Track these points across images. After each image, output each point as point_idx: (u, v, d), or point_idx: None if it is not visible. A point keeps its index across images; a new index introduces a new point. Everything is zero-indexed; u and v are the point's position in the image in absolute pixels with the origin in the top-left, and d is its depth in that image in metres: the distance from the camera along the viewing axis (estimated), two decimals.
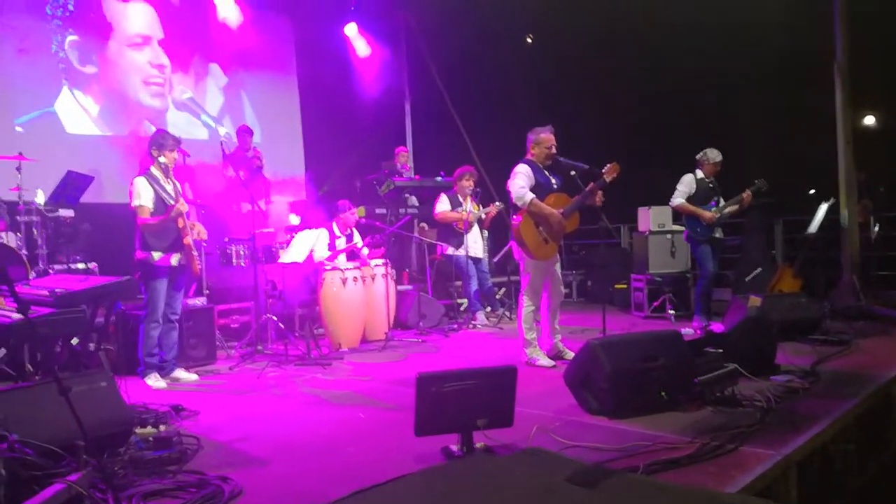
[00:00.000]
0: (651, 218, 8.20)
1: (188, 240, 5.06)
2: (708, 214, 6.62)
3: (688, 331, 6.49)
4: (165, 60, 9.15)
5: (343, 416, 4.09)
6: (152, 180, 5.05)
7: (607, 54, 9.45)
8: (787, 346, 5.27)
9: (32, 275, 5.71)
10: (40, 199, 6.42)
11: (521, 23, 10.55)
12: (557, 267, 5.46)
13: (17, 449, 2.57)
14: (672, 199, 6.85)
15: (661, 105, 9.35)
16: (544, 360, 5.19)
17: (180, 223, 5.02)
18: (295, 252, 6.06)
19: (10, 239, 5.85)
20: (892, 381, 4.38)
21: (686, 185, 6.77)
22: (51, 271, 6.14)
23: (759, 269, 8.18)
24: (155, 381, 5.03)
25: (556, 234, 5.21)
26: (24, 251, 5.90)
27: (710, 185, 6.78)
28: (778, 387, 4.16)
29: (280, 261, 6.28)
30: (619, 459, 3.01)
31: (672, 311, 7.67)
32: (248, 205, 6.49)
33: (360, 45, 10.94)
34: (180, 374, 5.23)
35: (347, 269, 6.44)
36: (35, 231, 6.31)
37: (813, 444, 3.23)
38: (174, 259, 5.08)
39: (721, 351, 4.46)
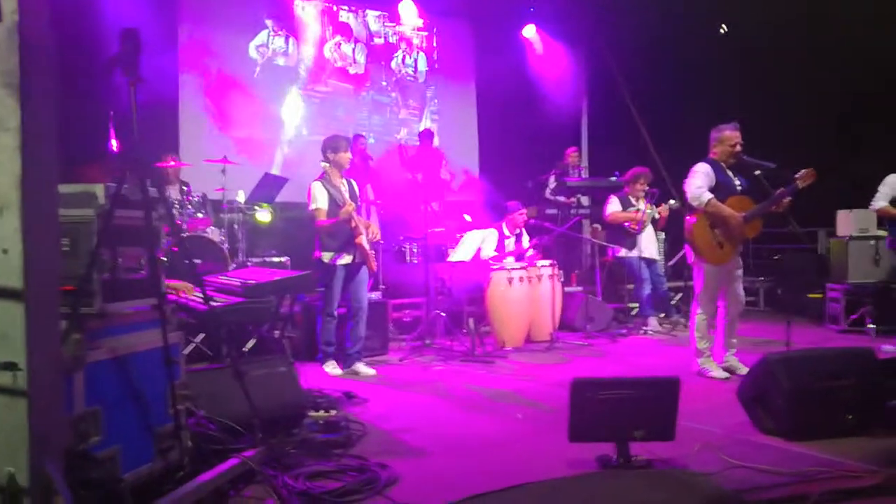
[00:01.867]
0: (853, 221, 7.43)
1: (360, 239, 5.23)
2: None
3: (889, 348, 5.84)
4: (360, 70, 9.76)
5: (502, 415, 4.14)
6: (328, 184, 5.32)
7: (808, 43, 8.65)
8: None
9: (233, 266, 6.33)
10: (241, 198, 7.09)
11: (711, 12, 9.94)
12: (739, 273, 5.08)
13: (202, 424, 2.87)
14: (873, 202, 6.22)
15: (868, 98, 8.42)
16: (717, 372, 4.89)
17: (352, 223, 5.24)
18: (462, 251, 6.20)
19: (214, 234, 6.51)
20: None
21: (889, 186, 6.11)
22: (249, 264, 6.77)
23: None
24: (332, 368, 5.33)
25: (734, 239, 4.86)
26: (225, 245, 6.54)
27: None
28: None
29: (448, 259, 6.45)
30: (792, 485, 2.78)
31: (872, 326, 6.90)
32: (432, 204, 6.67)
33: (539, 46, 10.95)
34: (360, 367, 5.35)
35: (514, 268, 6.48)
36: (236, 227, 6.99)
37: None
38: (345, 259, 5.27)
39: None
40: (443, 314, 6.42)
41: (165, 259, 3.99)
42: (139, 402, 2.54)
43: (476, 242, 6.23)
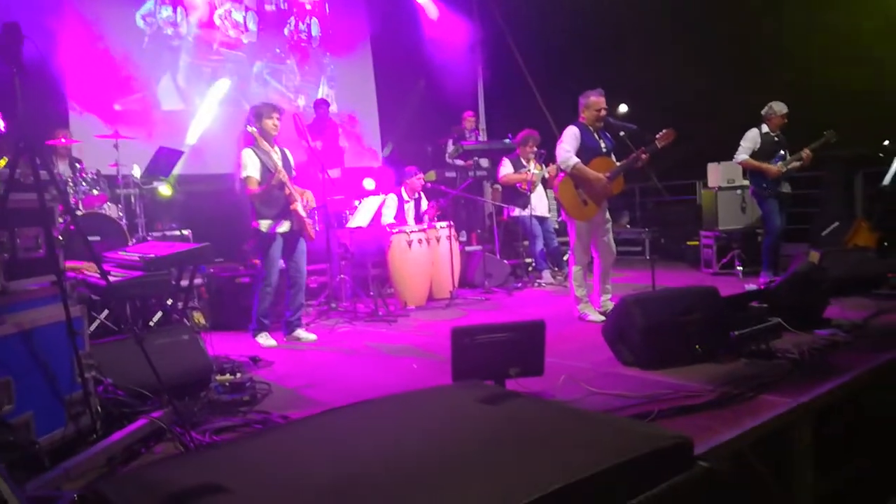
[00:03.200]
0: (720, 173, 8.14)
1: (296, 206, 5.19)
2: (773, 169, 6.57)
3: (752, 287, 6.51)
4: (253, 38, 9.68)
5: (399, 367, 4.49)
6: (259, 151, 5.17)
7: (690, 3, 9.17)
8: (848, 301, 5.28)
9: (132, 241, 6.35)
10: (136, 172, 7.05)
11: None
12: (608, 227, 5.56)
13: (110, 391, 3.07)
14: (736, 156, 6.83)
15: (740, 57, 9.10)
16: (594, 316, 5.40)
17: (286, 191, 5.19)
18: (360, 217, 6.46)
19: (112, 210, 6.49)
20: None
21: (750, 140, 6.73)
22: (149, 238, 6.79)
23: (837, 223, 8.01)
24: (265, 339, 5.29)
25: (598, 197, 5.33)
26: (123, 221, 6.53)
27: (776, 139, 6.70)
28: (819, 340, 4.24)
29: (347, 226, 6.70)
30: (638, 405, 3.25)
31: (740, 268, 7.66)
32: (329, 172, 6.80)
33: (433, 10, 11.15)
34: (301, 333, 5.45)
35: (413, 231, 6.80)
36: (133, 201, 6.98)
37: (834, 394, 3.34)
38: (283, 227, 5.24)
39: (766, 305, 4.56)
40: (347, 279, 6.70)
41: (62, 238, 4.07)
42: (48, 372, 2.72)
43: (374, 208, 6.50)
